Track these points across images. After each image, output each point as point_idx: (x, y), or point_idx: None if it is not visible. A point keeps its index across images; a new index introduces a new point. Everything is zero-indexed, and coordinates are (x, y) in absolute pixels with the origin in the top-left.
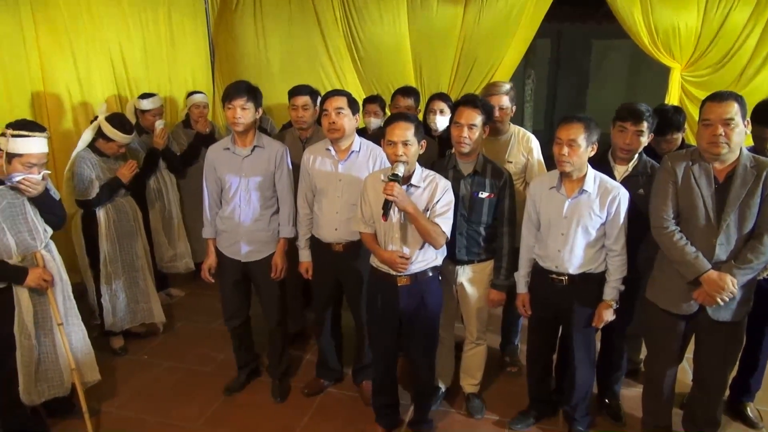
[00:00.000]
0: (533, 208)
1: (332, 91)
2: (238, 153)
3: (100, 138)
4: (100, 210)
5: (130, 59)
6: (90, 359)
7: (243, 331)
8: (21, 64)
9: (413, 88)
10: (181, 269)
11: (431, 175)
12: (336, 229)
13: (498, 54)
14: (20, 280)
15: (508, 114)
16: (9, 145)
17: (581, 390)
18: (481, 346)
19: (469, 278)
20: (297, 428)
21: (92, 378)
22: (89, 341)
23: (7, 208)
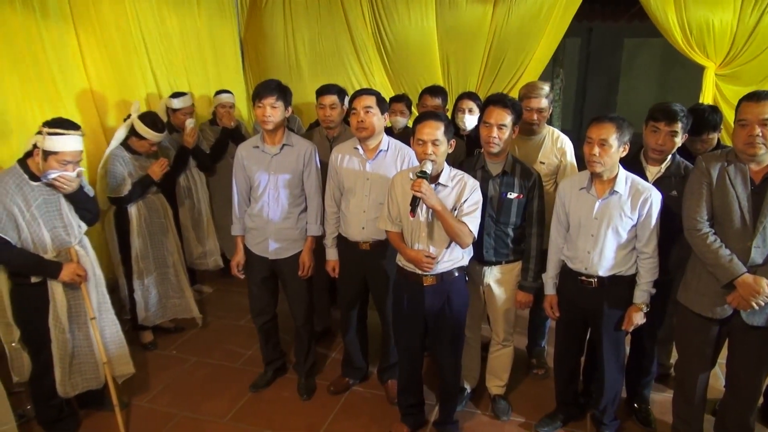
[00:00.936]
0: (562, 209)
1: (361, 90)
2: (267, 151)
3: (132, 136)
4: (131, 207)
5: (166, 59)
6: (123, 352)
7: (270, 327)
8: (68, 65)
9: (441, 88)
10: (210, 266)
11: (459, 174)
12: (363, 228)
13: (527, 53)
14: (55, 275)
15: (546, 116)
16: (45, 142)
17: (610, 394)
18: (508, 348)
19: (497, 279)
20: (322, 426)
21: (126, 371)
22: (123, 335)
23: (43, 204)
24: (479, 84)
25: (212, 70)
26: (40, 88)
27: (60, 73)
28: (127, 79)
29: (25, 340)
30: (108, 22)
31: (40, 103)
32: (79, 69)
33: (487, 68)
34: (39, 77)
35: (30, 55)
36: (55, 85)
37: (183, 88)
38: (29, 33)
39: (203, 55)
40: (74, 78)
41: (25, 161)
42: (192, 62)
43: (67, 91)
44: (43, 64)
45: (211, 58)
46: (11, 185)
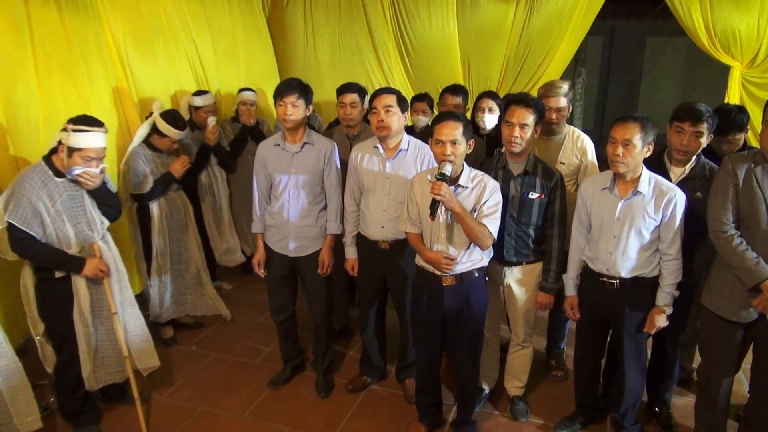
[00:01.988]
0: (584, 210)
1: (382, 89)
2: (288, 149)
3: (154, 133)
4: (153, 204)
5: (203, 57)
6: (149, 346)
7: (289, 325)
8: (106, 64)
9: (462, 86)
10: (231, 263)
11: (479, 175)
12: (383, 227)
13: (549, 52)
14: (78, 270)
15: (565, 115)
16: (70, 139)
17: (631, 397)
18: (527, 349)
19: (517, 280)
20: (340, 423)
21: (151, 364)
22: (147, 328)
23: (67, 200)
24: (500, 83)
25: (243, 67)
26: (68, 84)
27: (89, 69)
28: (163, 75)
29: (48, 334)
30: (142, 18)
31: (66, 99)
32: (114, 65)
33: (508, 67)
34: (68, 73)
35: (59, 49)
36: (90, 81)
37: (213, 85)
38: (57, 27)
39: (234, 52)
40: (108, 74)
41: (50, 158)
42: (227, 60)
43: (96, 87)
44: (71, 60)
45: (243, 56)
46: (37, 181)
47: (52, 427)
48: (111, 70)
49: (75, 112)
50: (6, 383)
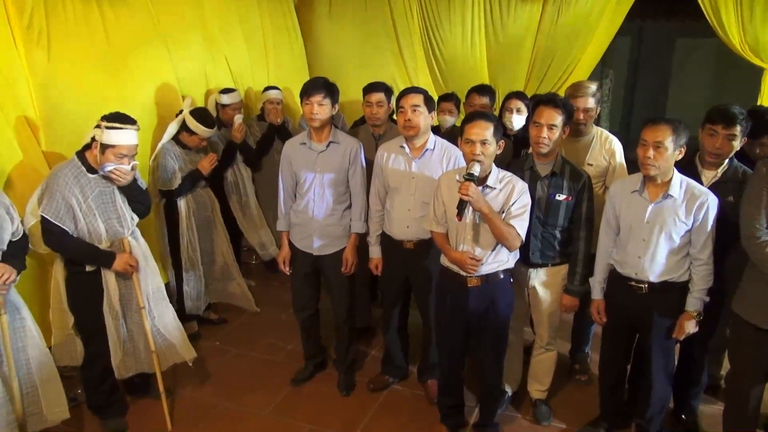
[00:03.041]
0: (612, 212)
1: (409, 89)
2: (313, 148)
3: (183, 131)
4: (181, 200)
5: (236, 55)
6: (183, 337)
7: (312, 323)
8: (151, 60)
9: (489, 86)
10: (268, 257)
11: (508, 176)
12: (408, 226)
13: (577, 53)
14: (108, 264)
15: (593, 116)
16: (103, 136)
17: (657, 404)
18: (551, 352)
19: (542, 282)
20: (361, 422)
21: (189, 355)
22: (179, 321)
23: (98, 196)
24: (527, 83)
25: (272, 66)
26: (108, 80)
27: (131, 65)
28: (201, 72)
29: (78, 327)
30: (183, 16)
31: (104, 95)
32: (161, 61)
33: (534, 68)
34: (107, 68)
35: (98, 45)
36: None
37: (245, 83)
38: (97, 23)
39: (265, 50)
40: (152, 70)
41: (83, 154)
42: (259, 58)
43: (137, 83)
44: (112, 55)
45: (273, 54)
46: (70, 177)
47: (80, 419)
48: (156, 66)
49: (112, 108)
50: (38, 374)
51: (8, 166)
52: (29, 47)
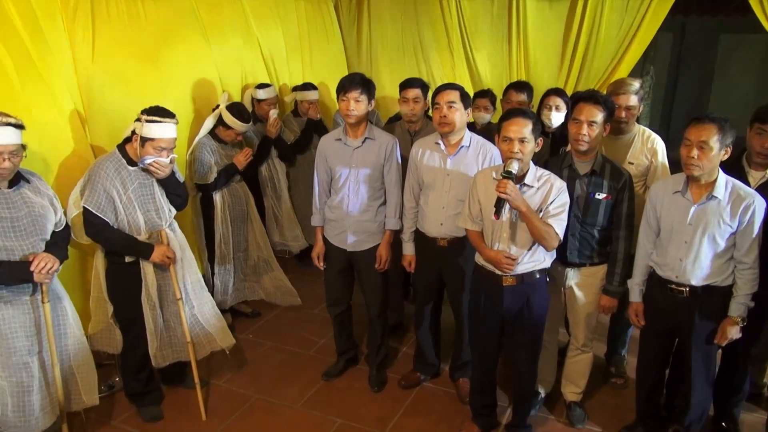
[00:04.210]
0: (653, 213)
1: (445, 85)
2: (349, 144)
3: (220, 125)
4: (216, 194)
5: (274, 51)
6: (223, 325)
7: (344, 318)
8: (195, 58)
9: (527, 83)
10: (296, 249)
11: (546, 174)
12: (441, 224)
13: (618, 49)
14: (146, 256)
15: (635, 114)
16: (143, 129)
17: (696, 410)
18: (587, 354)
19: (579, 282)
20: (392, 419)
21: (227, 343)
22: (218, 310)
23: (138, 188)
24: (567, 80)
25: (308, 61)
26: (148, 74)
27: (172, 59)
28: (239, 66)
29: (117, 316)
30: (222, 9)
31: (143, 89)
32: (203, 55)
33: (574, 64)
34: (148, 62)
35: (139, 40)
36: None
37: (282, 78)
38: (139, 18)
39: (301, 45)
40: (193, 63)
41: (123, 146)
42: (297, 54)
43: (177, 77)
44: (152, 50)
45: (310, 49)
46: (111, 169)
47: (117, 406)
48: (195, 61)
49: (152, 102)
50: (74, 360)
51: (59, 157)
52: (74, 42)
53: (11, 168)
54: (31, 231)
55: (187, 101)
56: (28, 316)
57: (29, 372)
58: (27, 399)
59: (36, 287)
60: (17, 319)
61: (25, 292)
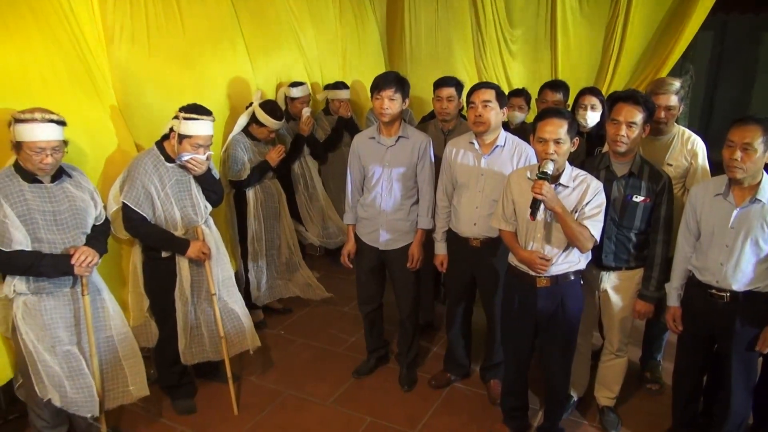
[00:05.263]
0: (693, 216)
1: (480, 84)
2: (382, 143)
3: (253, 123)
4: (249, 191)
5: (309, 49)
6: (250, 325)
7: (375, 316)
8: (230, 56)
9: (562, 82)
10: (332, 246)
11: (582, 175)
12: (475, 224)
13: (658, 48)
14: (182, 251)
15: (675, 114)
16: (181, 126)
17: (735, 419)
18: (622, 359)
19: (615, 286)
20: (422, 418)
21: (254, 344)
22: (247, 310)
23: (175, 184)
24: (603, 80)
25: (341, 58)
26: (185, 73)
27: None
28: (276, 65)
29: (153, 310)
30: (261, 9)
31: (180, 87)
32: (236, 54)
33: (612, 63)
34: (184, 62)
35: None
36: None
37: (317, 76)
38: (175, 19)
39: (336, 43)
40: (228, 63)
41: (161, 143)
42: (333, 53)
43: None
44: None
45: (345, 47)
46: (149, 165)
47: (151, 397)
48: (229, 59)
49: (187, 100)
50: (121, 350)
51: (105, 154)
52: (110, 41)
53: (54, 163)
54: (73, 224)
55: (221, 99)
56: (68, 308)
57: (75, 357)
58: (82, 381)
59: (76, 280)
60: (58, 310)
61: (66, 284)
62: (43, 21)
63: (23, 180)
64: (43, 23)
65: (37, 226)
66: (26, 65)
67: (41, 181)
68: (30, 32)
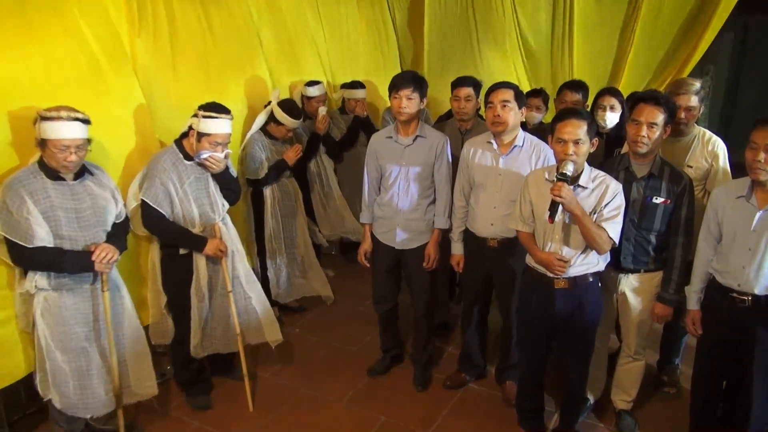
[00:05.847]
0: (714, 218)
1: (499, 83)
2: (400, 142)
3: (271, 122)
4: (267, 189)
5: (325, 48)
6: (272, 320)
7: (390, 316)
8: (248, 56)
9: (582, 82)
10: (353, 238)
11: (601, 176)
12: (492, 224)
13: (680, 49)
14: (200, 248)
15: (695, 115)
16: (200, 124)
17: (757, 425)
18: (639, 362)
19: (633, 288)
20: (437, 419)
21: (274, 338)
22: (269, 304)
23: (194, 182)
24: (620, 80)
25: (355, 57)
26: (204, 74)
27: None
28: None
29: (170, 306)
30: (280, 10)
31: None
32: (254, 54)
33: (630, 63)
34: (204, 64)
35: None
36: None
37: (335, 76)
38: (199, 22)
39: (350, 42)
40: (246, 63)
41: (181, 141)
42: (343, 50)
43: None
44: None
45: (360, 46)
46: (168, 163)
47: (168, 394)
48: (247, 58)
49: (206, 99)
50: (131, 350)
51: (126, 152)
52: (133, 40)
53: (77, 161)
54: (94, 222)
55: (240, 98)
56: (87, 304)
57: (87, 357)
58: (87, 382)
59: (96, 276)
60: (78, 306)
61: (86, 280)
62: (69, 20)
63: (47, 177)
64: (68, 22)
65: (60, 223)
66: (50, 63)
67: (64, 179)
68: (54, 31)
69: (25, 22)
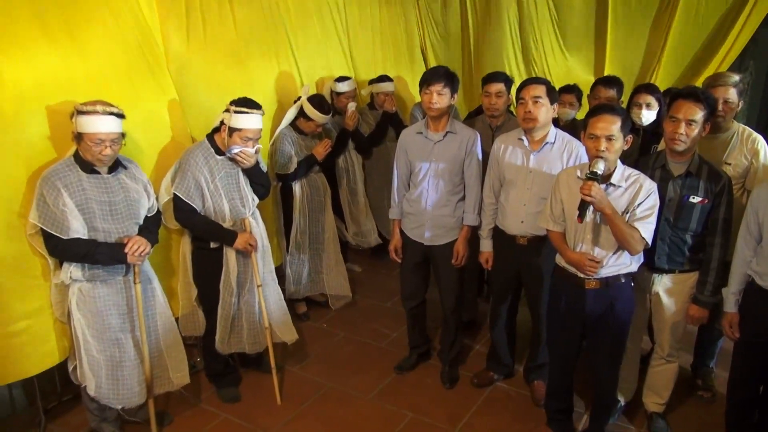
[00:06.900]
0: (754, 218)
1: (530, 79)
2: (430, 138)
3: (301, 117)
4: (296, 184)
5: (353, 44)
6: (287, 319)
7: (418, 312)
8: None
9: (617, 78)
10: (371, 244)
11: (635, 174)
12: (522, 221)
13: (716, 44)
14: (230, 243)
15: (734, 110)
16: (231, 120)
17: None
18: (672, 364)
19: (668, 289)
20: (464, 417)
21: (290, 337)
22: (285, 303)
23: (225, 177)
24: (653, 75)
25: (388, 54)
26: (235, 69)
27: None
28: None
29: (201, 299)
30: (305, 7)
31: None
32: (284, 50)
33: (666, 59)
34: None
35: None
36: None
37: (360, 72)
38: (228, 18)
39: (375, 38)
40: (274, 59)
41: (212, 136)
42: (369, 46)
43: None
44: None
45: (385, 43)
46: (200, 158)
47: (197, 385)
48: (277, 54)
49: (237, 94)
50: (164, 339)
51: (159, 146)
52: (168, 36)
53: (112, 155)
54: (127, 215)
55: (270, 93)
56: (121, 295)
57: (121, 348)
58: (119, 373)
59: (129, 268)
60: (111, 297)
61: (119, 272)
62: (106, 15)
63: (82, 170)
64: (106, 18)
65: (94, 215)
66: (87, 59)
67: (99, 172)
68: (92, 27)
69: (64, 21)
